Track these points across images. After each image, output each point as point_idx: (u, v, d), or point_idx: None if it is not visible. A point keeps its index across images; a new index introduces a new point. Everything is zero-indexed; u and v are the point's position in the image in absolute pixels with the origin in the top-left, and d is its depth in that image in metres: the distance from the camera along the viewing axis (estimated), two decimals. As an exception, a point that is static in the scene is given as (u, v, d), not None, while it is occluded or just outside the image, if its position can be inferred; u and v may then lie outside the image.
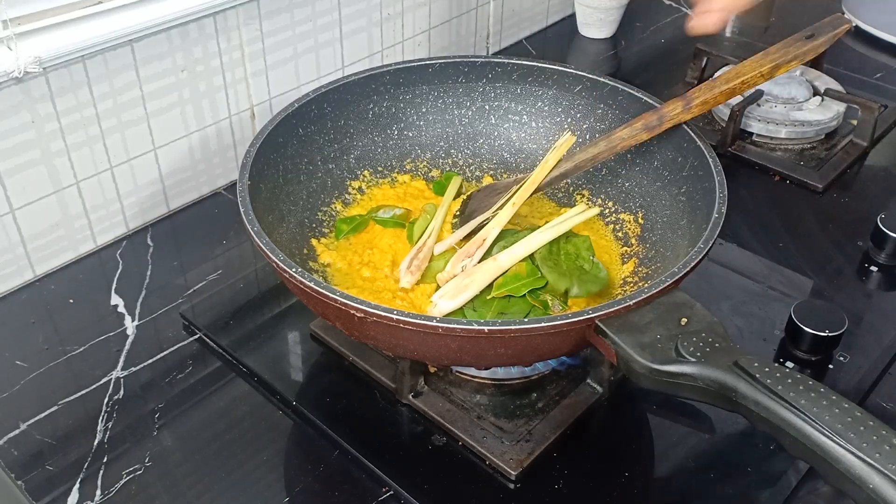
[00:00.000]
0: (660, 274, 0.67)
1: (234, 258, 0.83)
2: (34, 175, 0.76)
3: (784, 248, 0.86)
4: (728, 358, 0.53)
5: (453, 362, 0.64)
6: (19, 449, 0.64)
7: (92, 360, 0.71)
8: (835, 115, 1.01)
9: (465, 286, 0.67)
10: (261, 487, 0.61)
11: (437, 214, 0.77)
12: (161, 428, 0.66)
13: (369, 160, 0.82)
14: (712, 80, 0.73)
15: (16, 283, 0.79)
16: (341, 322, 0.60)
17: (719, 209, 0.64)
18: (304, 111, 0.76)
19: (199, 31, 0.82)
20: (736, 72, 0.71)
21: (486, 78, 0.84)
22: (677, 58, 1.21)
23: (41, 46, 0.70)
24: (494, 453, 0.62)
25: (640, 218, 0.77)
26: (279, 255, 0.59)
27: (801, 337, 0.71)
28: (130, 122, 0.81)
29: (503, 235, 0.72)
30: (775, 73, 0.71)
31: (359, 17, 0.97)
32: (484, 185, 0.83)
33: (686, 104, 0.72)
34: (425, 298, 0.70)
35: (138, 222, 0.87)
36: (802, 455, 0.50)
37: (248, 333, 0.74)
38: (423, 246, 0.73)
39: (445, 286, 0.68)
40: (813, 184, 0.94)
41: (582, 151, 0.75)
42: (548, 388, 0.68)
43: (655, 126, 0.72)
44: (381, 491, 0.61)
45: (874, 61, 1.23)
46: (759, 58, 0.71)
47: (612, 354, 0.56)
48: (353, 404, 0.67)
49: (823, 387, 0.50)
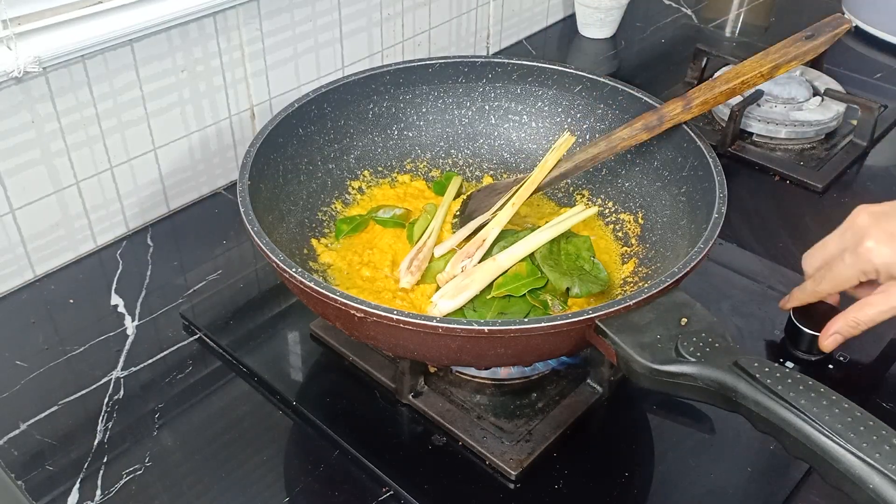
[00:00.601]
0: (660, 274, 0.67)
1: (234, 258, 0.83)
2: (34, 175, 0.76)
3: (784, 248, 0.86)
4: (728, 358, 0.53)
5: (453, 362, 0.64)
6: (19, 449, 0.64)
7: (92, 360, 0.71)
8: (835, 115, 1.01)
9: (464, 286, 0.67)
10: (261, 487, 0.61)
11: (437, 214, 0.77)
12: (161, 428, 0.66)
13: (369, 160, 0.82)
14: (712, 80, 0.73)
15: (16, 283, 0.79)
16: (341, 322, 0.60)
17: (719, 209, 0.64)
18: (304, 111, 0.76)
19: (199, 31, 0.82)
20: (736, 72, 0.71)
21: (486, 78, 0.84)
22: (677, 58, 1.21)
23: (41, 46, 0.70)
24: (494, 453, 0.62)
25: (640, 218, 0.77)
26: (279, 255, 0.59)
27: (801, 337, 0.71)
28: (130, 122, 0.81)
29: (503, 236, 0.72)
30: (775, 74, 0.71)
31: (359, 17, 0.97)
32: (484, 185, 0.83)
33: (686, 104, 0.72)
34: (425, 299, 0.70)
35: (138, 222, 0.87)
36: (802, 455, 0.50)
37: (248, 333, 0.74)
38: (423, 246, 0.73)
39: (445, 286, 0.68)
40: (813, 184, 0.94)
41: (582, 151, 0.75)
42: (548, 388, 0.68)
43: (655, 126, 0.72)
44: (381, 491, 0.61)
45: (874, 61, 1.23)
46: (759, 58, 0.71)
47: (612, 354, 0.56)
48: (353, 404, 0.67)
49: (823, 387, 0.50)
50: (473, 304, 0.67)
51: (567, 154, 0.76)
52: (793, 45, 0.70)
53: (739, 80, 0.71)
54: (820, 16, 0.74)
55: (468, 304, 0.67)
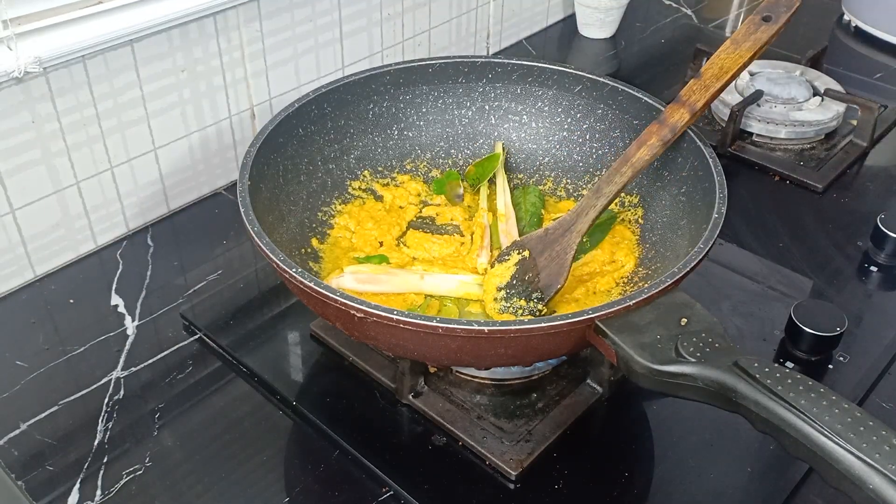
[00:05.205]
0: (660, 274, 0.67)
1: (234, 258, 0.83)
2: (34, 175, 0.76)
3: (784, 248, 0.86)
4: (728, 358, 0.53)
5: (453, 362, 0.64)
6: (19, 449, 0.64)
7: (92, 360, 0.71)
8: (835, 116, 1.01)
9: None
10: (261, 487, 0.61)
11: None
12: (161, 428, 0.66)
13: (369, 160, 0.82)
14: (699, 78, 0.71)
15: (16, 283, 0.79)
16: (341, 322, 0.60)
17: (719, 209, 0.64)
18: (304, 111, 0.76)
19: (200, 31, 0.82)
20: (720, 67, 0.70)
21: (486, 78, 0.84)
22: (677, 58, 1.21)
23: (41, 46, 0.70)
24: (494, 453, 0.62)
25: (640, 218, 0.77)
26: (279, 256, 0.59)
27: (801, 337, 0.71)
28: (130, 122, 0.81)
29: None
30: (752, 61, 0.71)
31: (359, 17, 0.97)
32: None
33: (691, 110, 0.71)
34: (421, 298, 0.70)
35: (138, 222, 0.87)
36: (802, 455, 0.50)
37: (248, 333, 0.74)
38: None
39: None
40: (813, 184, 0.94)
41: (610, 183, 0.71)
42: (548, 388, 0.68)
43: (670, 139, 0.71)
44: (381, 491, 0.61)
45: (874, 61, 1.23)
46: (732, 48, 0.70)
47: (612, 354, 0.56)
48: (353, 404, 0.67)
49: (823, 387, 0.50)
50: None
51: (594, 189, 0.71)
52: (756, 30, 0.70)
53: (729, 75, 0.70)
54: (819, 15, 0.74)
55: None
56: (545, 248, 0.71)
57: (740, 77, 1.06)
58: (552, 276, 0.69)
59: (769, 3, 0.71)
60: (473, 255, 0.76)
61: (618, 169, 0.71)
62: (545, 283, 0.69)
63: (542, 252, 0.70)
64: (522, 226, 0.79)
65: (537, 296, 0.69)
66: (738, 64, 0.70)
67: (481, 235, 0.77)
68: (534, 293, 0.69)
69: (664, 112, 0.72)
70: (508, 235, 0.77)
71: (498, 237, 0.77)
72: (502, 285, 0.70)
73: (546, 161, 0.84)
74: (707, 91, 0.71)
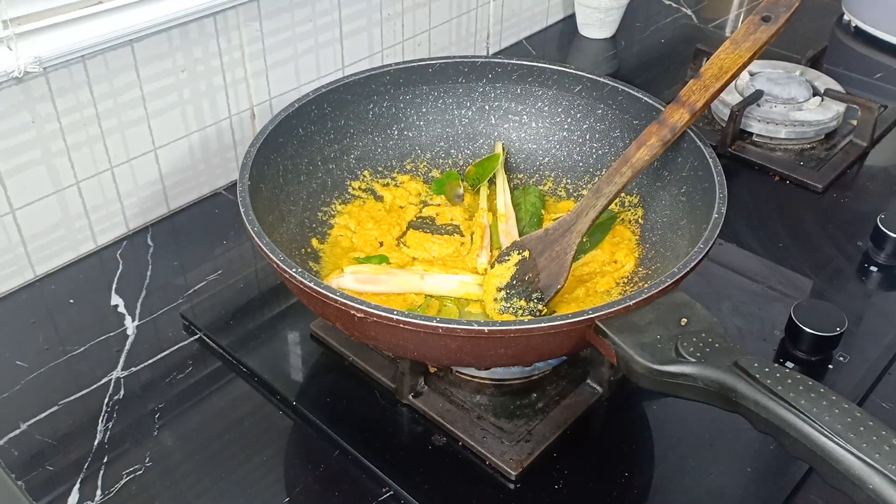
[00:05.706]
0: (660, 274, 0.67)
1: (234, 258, 0.83)
2: (34, 175, 0.76)
3: (784, 248, 0.86)
4: (728, 358, 0.53)
5: (453, 362, 0.64)
6: (19, 449, 0.64)
7: (92, 360, 0.71)
8: (835, 116, 1.01)
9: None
10: (261, 487, 0.61)
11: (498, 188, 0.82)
12: (161, 428, 0.66)
13: (369, 160, 0.82)
14: (699, 78, 0.71)
15: (16, 283, 0.79)
16: (341, 322, 0.60)
17: (719, 209, 0.64)
18: (304, 111, 0.76)
19: (200, 31, 0.82)
20: (719, 67, 0.71)
21: (486, 78, 0.84)
22: (677, 58, 1.21)
23: (41, 46, 0.70)
24: (494, 453, 0.62)
25: (640, 218, 0.77)
26: (279, 256, 0.59)
27: (801, 337, 0.71)
28: (130, 122, 0.81)
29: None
30: (752, 61, 0.71)
31: (359, 17, 0.97)
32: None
33: (691, 110, 0.71)
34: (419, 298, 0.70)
35: (138, 222, 0.87)
36: (802, 456, 0.50)
37: (248, 333, 0.74)
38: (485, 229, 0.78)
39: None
40: (813, 184, 0.94)
41: (610, 184, 0.70)
42: (548, 388, 0.68)
43: (670, 139, 0.71)
44: (381, 491, 0.61)
45: (874, 61, 1.23)
46: (732, 48, 0.70)
47: (612, 354, 0.56)
48: (353, 404, 0.67)
49: (823, 387, 0.50)
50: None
51: (594, 189, 0.71)
52: (755, 30, 0.70)
53: (729, 75, 0.71)
54: (819, 16, 0.74)
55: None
56: (545, 248, 0.71)
57: (740, 77, 1.06)
58: (552, 276, 0.69)
59: (769, 3, 0.71)
60: (473, 256, 0.76)
61: (618, 169, 0.71)
62: (545, 284, 0.69)
63: (542, 252, 0.70)
64: (522, 226, 0.79)
65: (537, 296, 0.69)
66: (738, 64, 0.70)
67: (481, 235, 0.77)
68: (534, 293, 0.69)
69: (664, 112, 0.72)
70: (508, 235, 0.77)
71: (498, 237, 0.77)
72: (502, 285, 0.70)
73: (546, 161, 0.84)
74: (707, 91, 0.71)
